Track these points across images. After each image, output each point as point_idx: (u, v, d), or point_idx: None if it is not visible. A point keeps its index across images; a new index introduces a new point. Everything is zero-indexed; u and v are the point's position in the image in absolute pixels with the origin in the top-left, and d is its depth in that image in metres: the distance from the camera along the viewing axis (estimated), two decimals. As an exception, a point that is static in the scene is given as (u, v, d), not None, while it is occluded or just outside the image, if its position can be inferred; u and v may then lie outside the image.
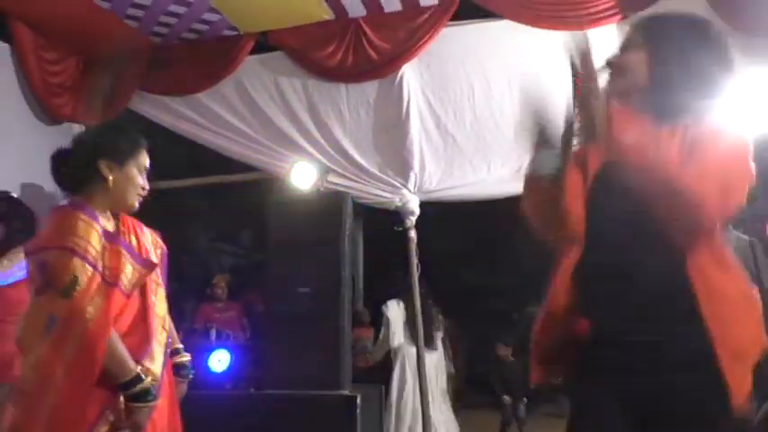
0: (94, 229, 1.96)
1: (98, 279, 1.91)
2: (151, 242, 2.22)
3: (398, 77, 4.44)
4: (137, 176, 2.15)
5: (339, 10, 4.41)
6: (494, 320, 10.02)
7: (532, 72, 4.27)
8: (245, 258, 8.80)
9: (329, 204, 4.21)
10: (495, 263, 10.80)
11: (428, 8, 4.31)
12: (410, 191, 4.50)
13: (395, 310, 4.84)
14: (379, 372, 4.90)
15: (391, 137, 4.52)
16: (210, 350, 4.43)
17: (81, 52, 4.82)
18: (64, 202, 2.14)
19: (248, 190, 5.53)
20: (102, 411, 1.88)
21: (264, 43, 4.68)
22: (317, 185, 4.41)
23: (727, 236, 4.18)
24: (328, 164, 4.56)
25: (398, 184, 4.52)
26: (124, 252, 2.03)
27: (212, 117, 4.78)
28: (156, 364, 2.03)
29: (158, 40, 4.77)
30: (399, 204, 4.49)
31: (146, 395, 1.93)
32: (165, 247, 2.31)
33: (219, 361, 4.33)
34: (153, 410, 1.96)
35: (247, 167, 4.92)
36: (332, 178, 4.52)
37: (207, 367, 4.31)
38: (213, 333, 4.80)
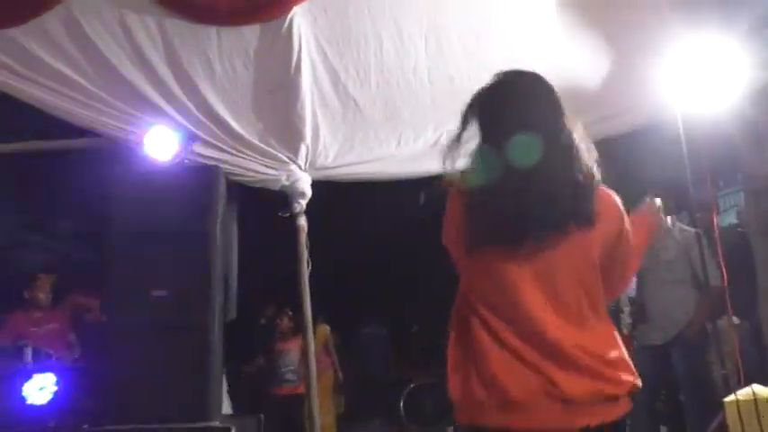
0: None
1: None
2: None
3: (287, 22, 4.33)
4: None
5: (206, -77, 4.26)
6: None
7: (451, 24, 4.42)
8: (66, 253, 8.46)
9: (195, 182, 4.16)
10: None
11: (326, -67, 4.28)
12: (300, 167, 4.50)
13: None
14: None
15: (276, 98, 4.47)
16: (26, 375, 4.20)
17: None
18: None
19: (79, 162, 5.29)
20: None
21: (104, -35, 4.40)
22: (179, 157, 4.28)
23: (670, 229, 4.58)
24: (194, 130, 4.41)
25: (285, 159, 4.49)
26: None
27: (30, 62, 4.44)
28: None
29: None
30: (286, 184, 4.48)
31: None
32: None
33: (41, 389, 4.13)
34: None
35: (79, 131, 4.63)
36: (199, 149, 4.40)
37: (21, 398, 4.11)
38: (28, 352, 4.53)
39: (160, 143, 4.30)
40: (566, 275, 1.96)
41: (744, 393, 3.39)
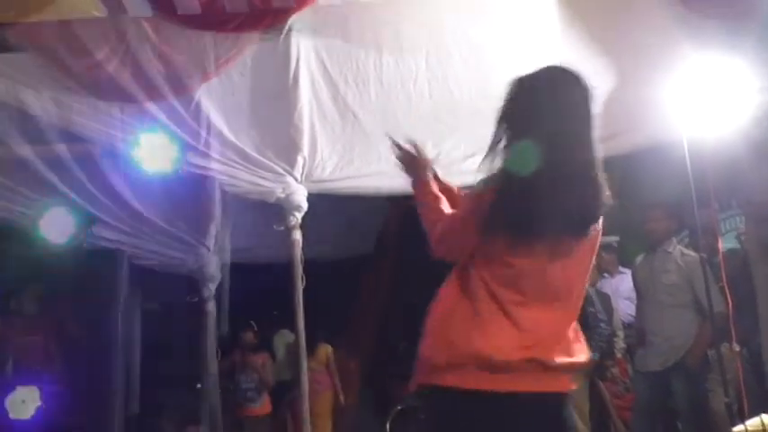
0: None
1: None
2: None
3: (285, 31, 4.42)
4: None
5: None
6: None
7: (452, 37, 4.52)
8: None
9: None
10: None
11: (327, -57, 4.33)
12: (296, 179, 4.51)
13: None
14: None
15: (274, 109, 4.51)
16: (7, 389, 4.21)
17: None
18: None
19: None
20: None
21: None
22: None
23: (670, 251, 4.65)
24: (187, 138, 4.44)
25: (281, 171, 4.51)
26: None
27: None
28: None
29: None
30: (282, 196, 4.49)
31: None
32: None
33: (23, 403, 4.12)
34: None
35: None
36: (193, 158, 4.46)
37: (3, 412, 4.12)
38: (9, 365, 4.51)
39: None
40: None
41: (752, 423, 3.43)
